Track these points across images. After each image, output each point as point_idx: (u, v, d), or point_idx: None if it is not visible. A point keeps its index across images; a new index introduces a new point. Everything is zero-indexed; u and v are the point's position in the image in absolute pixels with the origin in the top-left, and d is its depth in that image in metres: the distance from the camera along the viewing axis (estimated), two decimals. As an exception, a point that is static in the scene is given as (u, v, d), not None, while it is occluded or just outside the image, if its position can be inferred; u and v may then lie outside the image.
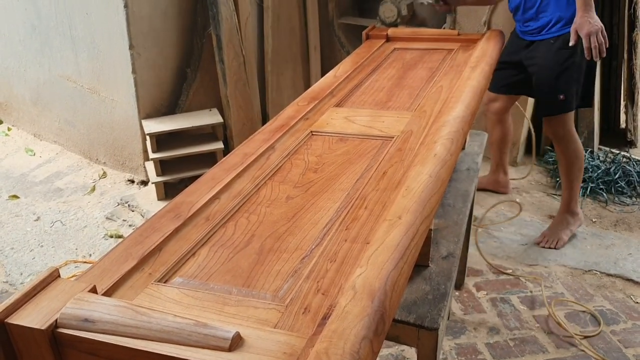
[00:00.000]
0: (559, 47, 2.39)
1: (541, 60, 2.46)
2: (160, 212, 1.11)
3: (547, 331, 2.17)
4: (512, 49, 2.66)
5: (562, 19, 2.36)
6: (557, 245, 2.66)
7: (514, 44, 2.66)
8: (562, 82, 2.42)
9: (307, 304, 0.86)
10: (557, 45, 2.40)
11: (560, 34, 2.38)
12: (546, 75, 2.45)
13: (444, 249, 1.39)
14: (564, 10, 2.36)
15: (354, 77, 1.91)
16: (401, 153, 1.37)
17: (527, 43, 2.56)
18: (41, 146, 3.80)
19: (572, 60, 2.39)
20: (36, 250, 2.72)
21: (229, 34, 3.11)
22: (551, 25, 2.41)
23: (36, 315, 0.79)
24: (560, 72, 2.41)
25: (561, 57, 2.39)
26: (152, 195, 3.09)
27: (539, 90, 2.53)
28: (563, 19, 2.36)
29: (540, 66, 2.48)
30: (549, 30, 2.42)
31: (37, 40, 3.48)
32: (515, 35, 2.67)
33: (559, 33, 2.38)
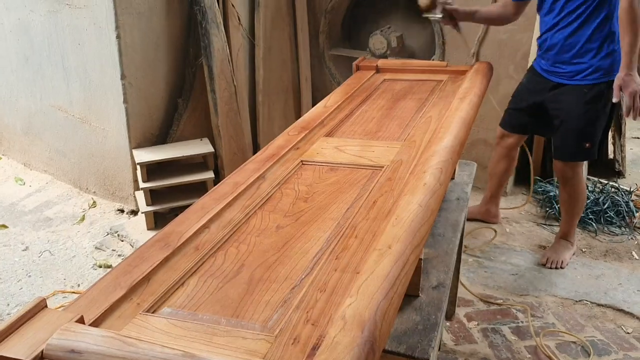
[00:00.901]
0: (593, 96, 2.34)
1: (570, 105, 2.41)
2: (149, 241, 1.11)
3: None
4: (534, 88, 2.59)
5: (601, 70, 2.32)
6: (562, 265, 2.70)
7: (537, 83, 2.57)
8: (590, 130, 2.40)
9: (296, 334, 0.86)
10: (592, 94, 2.34)
11: (596, 83, 2.34)
12: (575, 122, 2.41)
13: (434, 279, 1.39)
14: (603, 60, 2.31)
15: (345, 108, 1.93)
16: (391, 182, 1.38)
17: (554, 85, 2.48)
18: (31, 175, 3.78)
19: (604, 110, 2.37)
20: (24, 280, 2.69)
21: (221, 65, 3.14)
22: (588, 73, 2.34)
23: (22, 346, 0.78)
24: (590, 121, 2.38)
25: (593, 106, 2.35)
26: (141, 225, 3.07)
27: (564, 136, 2.48)
28: (601, 70, 2.31)
29: (568, 112, 2.43)
30: (585, 77, 2.35)
31: (29, 71, 3.50)
32: (537, 74, 2.59)
33: (595, 82, 2.34)
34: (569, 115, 2.41)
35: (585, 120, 2.38)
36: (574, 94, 2.37)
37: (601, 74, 2.31)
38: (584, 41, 2.33)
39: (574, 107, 2.38)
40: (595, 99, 2.32)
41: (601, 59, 2.30)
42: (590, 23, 2.30)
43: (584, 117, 2.38)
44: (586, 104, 2.36)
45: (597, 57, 2.31)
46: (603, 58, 2.30)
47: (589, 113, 2.37)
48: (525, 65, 3.10)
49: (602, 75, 2.31)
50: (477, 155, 3.42)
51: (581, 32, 2.33)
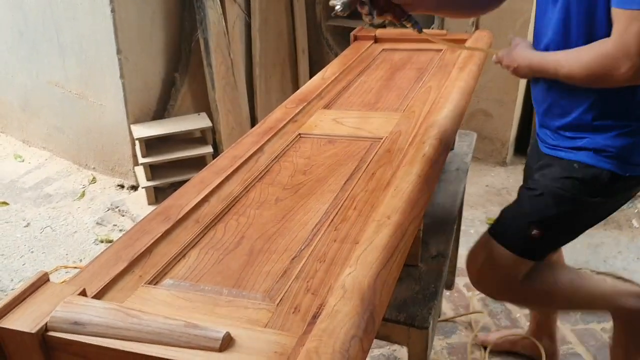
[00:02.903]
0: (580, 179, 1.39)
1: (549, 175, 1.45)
2: (150, 215, 1.11)
3: (538, 329, 2.18)
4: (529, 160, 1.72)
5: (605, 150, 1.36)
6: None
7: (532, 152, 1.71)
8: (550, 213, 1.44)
9: (297, 304, 0.87)
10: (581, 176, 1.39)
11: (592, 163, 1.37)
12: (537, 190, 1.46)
13: (433, 249, 1.40)
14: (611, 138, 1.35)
15: (342, 79, 1.92)
16: (390, 154, 1.38)
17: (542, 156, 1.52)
18: (30, 152, 3.78)
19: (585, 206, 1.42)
20: (26, 256, 2.71)
21: (217, 38, 3.11)
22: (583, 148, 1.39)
23: (26, 318, 0.79)
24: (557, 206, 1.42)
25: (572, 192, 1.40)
26: (142, 200, 3.08)
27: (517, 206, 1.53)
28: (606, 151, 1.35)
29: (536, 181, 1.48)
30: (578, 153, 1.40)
31: (24, 47, 3.47)
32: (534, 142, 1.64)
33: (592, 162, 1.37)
34: (543, 183, 1.46)
35: (554, 196, 1.42)
36: (561, 165, 1.43)
37: (608, 155, 1.36)
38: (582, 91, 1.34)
39: (556, 179, 1.43)
40: (588, 186, 1.39)
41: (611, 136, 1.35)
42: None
43: (555, 193, 1.42)
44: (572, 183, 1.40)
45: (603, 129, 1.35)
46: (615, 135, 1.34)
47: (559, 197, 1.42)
48: (525, 33, 3.06)
49: (607, 158, 1.36)
50: (476, 126, 3.41)
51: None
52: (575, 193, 1.40)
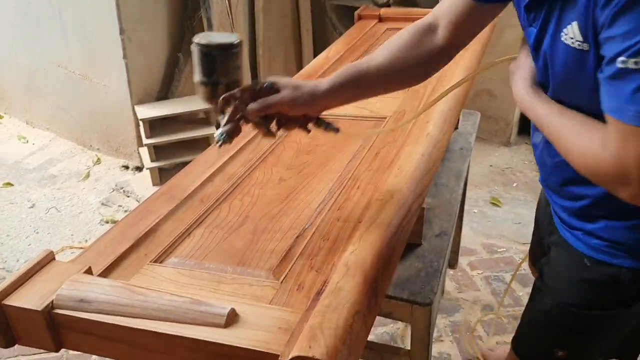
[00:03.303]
0: (597, 281, 1.10)
1: (560, 274, 1.18)
2: (155, 194, 1.12)
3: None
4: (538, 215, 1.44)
5: (620, 243, 1.05)
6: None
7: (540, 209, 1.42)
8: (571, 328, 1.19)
9: (301, 281, 0.87)
10: (595, 276, 1.10)
11: (604, 259, 1.07)
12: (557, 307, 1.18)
13: (436, 228, 1.40)
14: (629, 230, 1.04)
15: (346, 58, 1.91)
16: (394, 133, 1.37)
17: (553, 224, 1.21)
18: (34, 133, 3.79)
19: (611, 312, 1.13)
20: (32, 236, 2.72)
21: (220, 17, 3.09)
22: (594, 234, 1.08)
23: (32, 296, 0.80)
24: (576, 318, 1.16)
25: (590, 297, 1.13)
26: (147, 181, 3.09)
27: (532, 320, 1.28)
28: (622, 244, 1.05)
29: (553, 286, 1.20)
30: (588, 239, 1.09)
31: (27, 27, 3.46)
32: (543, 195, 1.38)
33: (604, 258, 1.08)
34: (554, 291, 1.20)
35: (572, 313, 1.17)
36: (570, 258, 1.15)
37: (622, 250, 1.06)
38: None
39: (565, 282, 1.17)
40: (606, 289, 1.11)
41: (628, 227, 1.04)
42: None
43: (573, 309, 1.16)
44: (585, 287, 1.13)
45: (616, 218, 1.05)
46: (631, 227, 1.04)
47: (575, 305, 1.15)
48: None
49: (625, 254, 1.06)
50: (480, 105, 3.40)
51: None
52: (593, 305, 1.12)
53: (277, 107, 0.98)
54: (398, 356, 1.38)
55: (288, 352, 0.67)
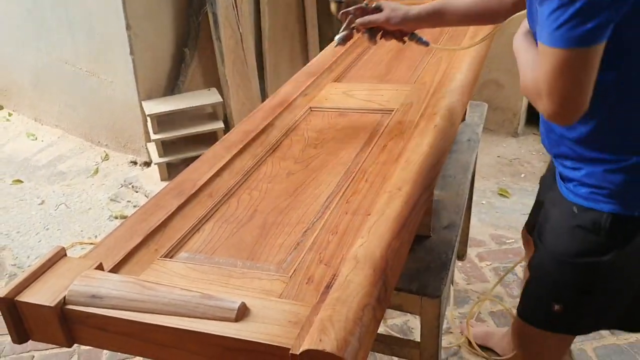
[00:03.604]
0: (585, 228, 1.17)
1: (554, 227, 1.25)
2: (164, 190, 1.13)
3: (550, 299, 2.19)
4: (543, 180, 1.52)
5: (603, 187, 1.12)
6: None
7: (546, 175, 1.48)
8: (564, 282, 1.24)
9: (310, 274, 0.88)
10: (583, 223, 1.17)
11: (590, 206, 1.15)
12: (543, 257, 1.27)
13: (445, 220, 1.40)
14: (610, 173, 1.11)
15: (352, 52, 1.91)
16: (401, 126, 1.37)
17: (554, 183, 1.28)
18: (42, 130, 3.81)
19: (597, 259, 1.18)
20: (42, 233, 2.74)
21: (225, 12, 3.09)
22: (580, 182, 1.17)
23: (45, 292, 0.80)
24: (569, 268, 1.22)
25: (579, 244, 1.19)
26: (155, 176, 3.10)
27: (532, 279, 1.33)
28: (605, 188, 1.12)
29: (547, 240, 1.26)
30: (576, 187, 1.18)
31: (33, 24, 3.47)
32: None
33: (590, 205, 1.15)
34: (548, 243, 1.26)
35: (553, 260, 1.24)
36: (561, 209, 1.22)
37: (605, 193, 1.13)
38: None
39: (558, 232, 1.23)
40: (590, 234, 1.16)
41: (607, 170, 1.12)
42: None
43: (554, 256, 1.24)
44: (565, 235, 1.21)
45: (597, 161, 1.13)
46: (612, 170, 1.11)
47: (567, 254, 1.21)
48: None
49: (606, 197, 1.13)
50: (488, 96, 3.39)
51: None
52: (579, 252, 1.18)
53: (378, 22, 1.37)
54: (408, 348, 1.38)
55: (299, 345, 0.68)
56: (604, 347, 1.95)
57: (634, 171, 1.09)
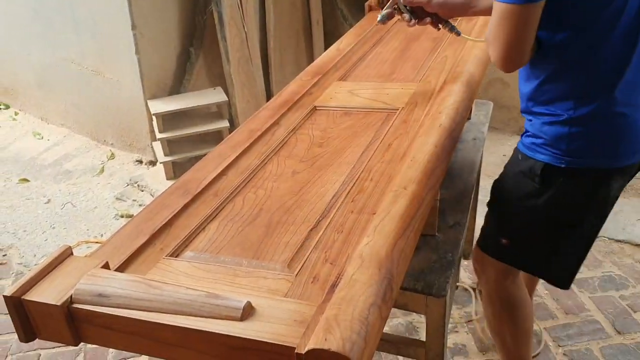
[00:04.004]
0: (523, 172, 1.37)
1: (504, 172, 1.47)
2: (169, 189, 1.13)
3: (556, 297, 2.18)
4: None
5: (539, 137, 1.31)
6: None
7: None
8: (511, 221, 1.44)
9: (315, 273, 0.88)
10: (522, 168, 1.37)
11: (530, 155, 1.35)
12: (497, 196, 1.48)
13: (450, 219, 1.40)
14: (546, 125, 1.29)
15: (357, 50, 1.91)
16: (406, 124, 1.37)
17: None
18: (48, 129, 3.82)
19: (534, 203, 1.36)
20: (48, 232, 2.75)
21: (231, 11, 3.10)
22: (527, 135, 1.37)
23: (51, 291, 0.81)
24: (515, 209, 1.42)
25: (522, 188, 1.38)
26: (160, 175, 3.11)
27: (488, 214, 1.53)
28: (541, 138, 1.31)
29: (499, 180, 1.49)
30: (525, 137, 1.39)
31: (39, 24, 3.48)
32: None
33: (529, 154, 1.35)
34: (499, 184, 1.48)
35: (504, 200, 1.45)
36: (513, 156, 1.44)
37: (541, 142, 1.32)
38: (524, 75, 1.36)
39: (506, 175, 1.46)
40: (526, 179, 1.36)
41: (545, 122, 1.30)
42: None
43: (505, 197, 1.45)
44: (512, 179, 1.42)
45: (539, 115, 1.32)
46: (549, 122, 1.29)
47: (514, 196, 1.41)
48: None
49: (542, 145, 1.31)
50: (493, 95, 3.38)
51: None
52: (520, 194, 1.38)
53: (421, 2, 1.43)
54: (413, 347, 1.38)
55: (304, 344, 0.68)
56: (610, 347, 1.95)
57: (565, 126, 1.27)
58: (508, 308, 1.56)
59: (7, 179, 3.27)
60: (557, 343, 1.98)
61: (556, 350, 1.95)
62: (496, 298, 1.57)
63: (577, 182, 1.30)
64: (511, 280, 1.54)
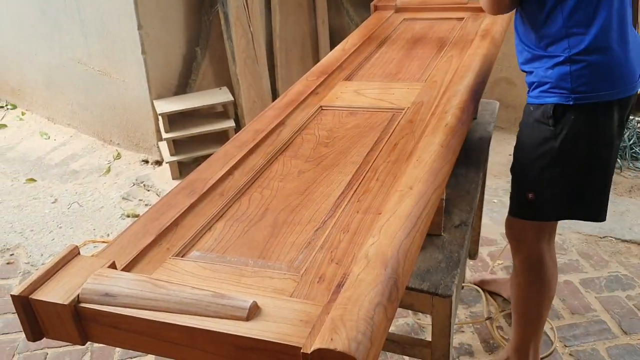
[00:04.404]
0: (537, 119, 1.50)
1: (519, 134, 1.59)
2: (176, 189, 1.13)
3: (562, 297, 2.18)
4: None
5: (546, 82, 1.47)
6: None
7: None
8: (534, 173, 1.53)
9: (321, 273, 0.88)
10: (536, 116, 1.50)
11: (539, 102, 1.49)
12: (518, 155, 1.59)
13: (456, 218, 1.40)
14: (549, 69, 1.46)
15: (363, 50, 1.91)
16: (412, 124, 1.37)
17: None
18: (55, 129, 3.84)
19: (551, 145, 1.48)
20: (55, 231, 2.77)
21: (237, 11, 3.10)
22: (534, 87, 1.52)
23: (58, 291, 0.81)
24: (535, 158, 1.52)
25: (538, 135, 1.50)
26: (166, 175, 3.12)
27: (513, 178, 1.63)
28: (547, 83, 1.46)
29: (517, 139, 1.61)
30: (531, 92, 1.54)
31: (46, 24, 3.49)
32: None
33: (539, 101, 1.49)
34: (518, 142, 1.60)
35: (529, 155, 1.54)
36: (525, 113, 1.57)
37: (548, 87, 1.46)
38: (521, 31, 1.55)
39: (522, 131, 1.58)
40: (541, 124, 1.48)
41: (547, 67, 1.46)
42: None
43: (528, 151, 1.54)
44: (531, 130, 1.52)
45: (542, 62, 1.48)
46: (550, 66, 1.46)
47: (533, 145, 1.52)
48: None
49: (549, 90, 1.46)
50: (499, 94, 3.37)
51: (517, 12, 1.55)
52: (539, 142, 1.49)
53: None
54: (419, 347, 1.38)
55: (310, 344, 0.68)
56: (617, 347, 1.94)
57: (565, 65, 1.41)
58: (542, 274, 1.65)
59: (14, 178, 3.29)
60: (564, 343, 1.97)
61: (562, 350, 1.95)
62: (532, 264, 1.66)
63: (585, 117, 1.43)
64: (547, 242, 1.64)
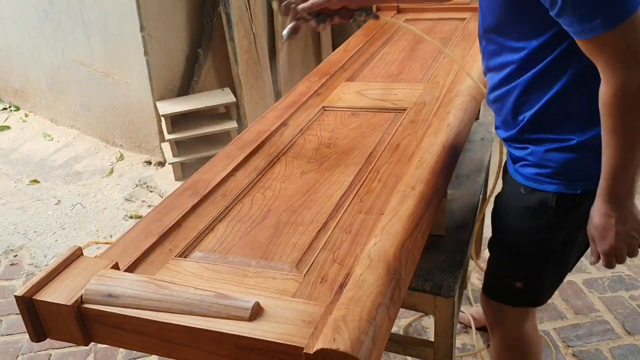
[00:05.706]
0: (534, 208, 1.20)
1: (506, 207, 1.29)
2: (178, 190, 1.13)
3: (566, 298, 2.17)
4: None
5: (548, 166, 1.15)
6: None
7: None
8: (525, 262, 1.28)
9: (324, 274, 0.88)
10: (532, 204, 1.20)
11: (536, 187, 1.18)
12: (506, 240, 1.31)
13: (459, 219, 1.40)
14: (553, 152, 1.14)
15: (365, 51, 1.91)
16: (414, 125, 1.37)
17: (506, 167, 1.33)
18: (58, 131, 3.84)
19: (551, 238, 1.22)
20: (58, 232, 2.77)
21: (239, 12, 3.10)
22: (527, 162, 1.19)
23: (62, 291, 0.82)
24: (526, 247, 1.26)
25: (532, 224, 1.22)
26: (169, 176, 3.12)
27: (492, 258, 1.39)
28: (549, 168, 1.15)
29: (501, 219, 1.31)
30: (523, 167, 1.20)
31: (49, 26, 3.50)
32: None
33: (536, 186, 1.18)
34: (502, 224, 1.31)
35: (518, 242, 1.27)
36: (511, 190, 1.25)
37: (548, 173, 1.16)
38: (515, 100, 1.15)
39: (509, 213, 1.28)
40: (538, 214, 1.20)
41: (550, 149, 1.14)
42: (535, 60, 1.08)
43: (518, 236, 1.27)
44: (523, 214, 1.23)
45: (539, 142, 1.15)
46: (555, 149, 1.14)
47: (523, 234, 1.25)
48: None
49: (549, 176, 1.16)
50: (501, 95, 3.36)
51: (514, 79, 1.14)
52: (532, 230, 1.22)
53: (320, 4, 1.25)
54: (422, 348, 1.38)
55: (312, 344, 0.68)
56: (620, 347, 1.94)
57: (575, 151, 1.11)
58: (529, 353, 1.44)
59: (17, 180, 3.29)
60: (567, 344, 1.97)
61: (565, 350, 1.94)
62: (517, 345, 1.44)
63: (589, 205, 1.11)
64: (530, 320, 1.41)
